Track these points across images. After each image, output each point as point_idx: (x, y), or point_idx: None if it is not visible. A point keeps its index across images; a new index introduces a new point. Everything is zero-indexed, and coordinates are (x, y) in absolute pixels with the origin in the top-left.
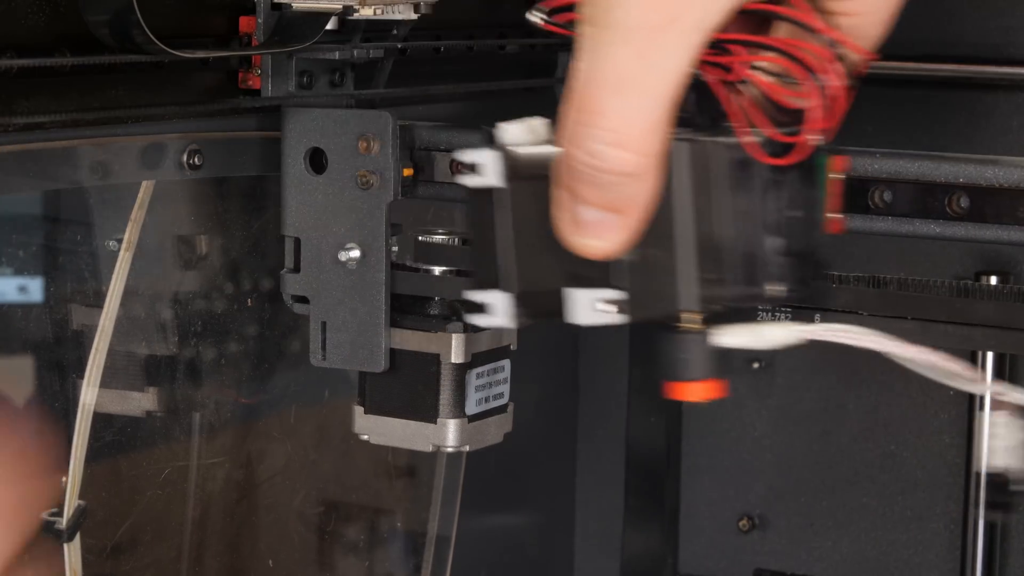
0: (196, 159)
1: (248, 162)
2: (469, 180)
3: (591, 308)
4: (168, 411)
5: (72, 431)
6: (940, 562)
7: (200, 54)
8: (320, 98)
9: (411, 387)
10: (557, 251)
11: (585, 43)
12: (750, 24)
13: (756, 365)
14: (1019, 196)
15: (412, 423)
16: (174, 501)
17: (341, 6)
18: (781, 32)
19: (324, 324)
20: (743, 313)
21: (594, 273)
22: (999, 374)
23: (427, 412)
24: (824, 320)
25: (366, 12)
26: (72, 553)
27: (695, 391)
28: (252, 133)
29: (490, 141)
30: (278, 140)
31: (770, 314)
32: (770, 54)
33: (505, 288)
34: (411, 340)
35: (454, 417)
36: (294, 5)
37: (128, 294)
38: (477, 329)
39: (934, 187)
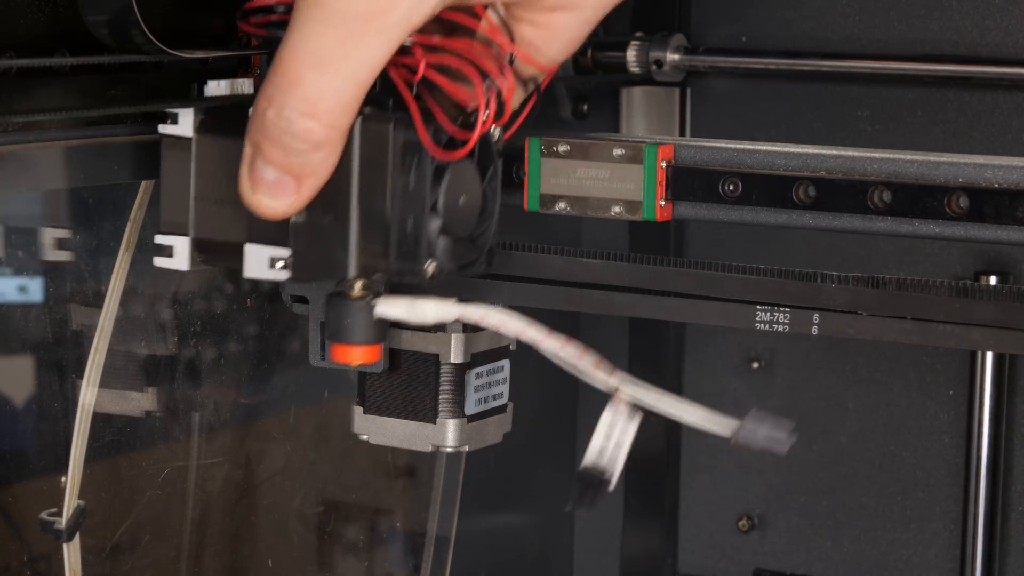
0: None
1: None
2: (164, 128)
3: (264, 264)
4: (167, 411)
5: (71, 431)
6: (940, 562)
7: (200, 54)
8: None
9: (410, 387)
10: (240, 205)
11: (297, 15)
12: (443, 28)
13: (756, 365)
14: (1018, 196)
15: (411, 423)
16: (174, 501)
17: None
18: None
19: (323, 324)
20: (411, 286)
21: (271, 231)
22: (998, 374)
23: (426, 412)
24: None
25: None
26: (72, 553)
27: (354, 354)
28: None
29: (200, 93)
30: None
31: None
32: (449, 56)
33: (185, 233)
34: (410, 340)
35: (453, 417)
36: None
37: (128, 294)
38: (477, 329)
39: (934, 187)
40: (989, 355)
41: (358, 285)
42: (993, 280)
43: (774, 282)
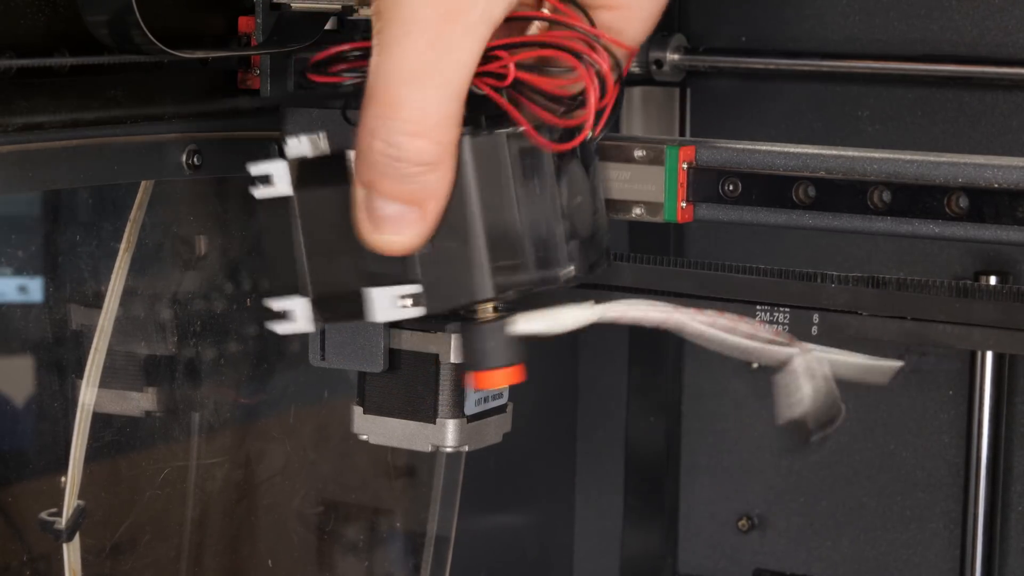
0: (196, 159)
1: (247, 162)
2: (260, 192)
3: (390, 305)
4: (167, 411)
5: (71, 431)
6: (940, 562)
7: (199, 54)
8: (319, 98)
9: (410, 387)
10: (353, 252)
11: (379, 38)
12: (512, 30)
13: (756, 365)
14: (1018, 196)
15: (411, 423)
16: (173, 501)
17: (340, 6)
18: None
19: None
20: (536, 299)
21: (390, 270)
22: (998, 374)
23: (426, 412)
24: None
25: (365, 12)
26: (72, 553)
27: (497, 378)
28: (251, 133)
29: (280, 153)
30: (277, 140)
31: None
32: (536, 50)
33: (302, 294)
34: (410, 340)
35: (453, 417)
36: (293, 5)
37: (128, 294)
38: None
39: (933, 187)
40: (989, 355)
41: (487, 307)
42: (993, 280)
43: (774, 282)
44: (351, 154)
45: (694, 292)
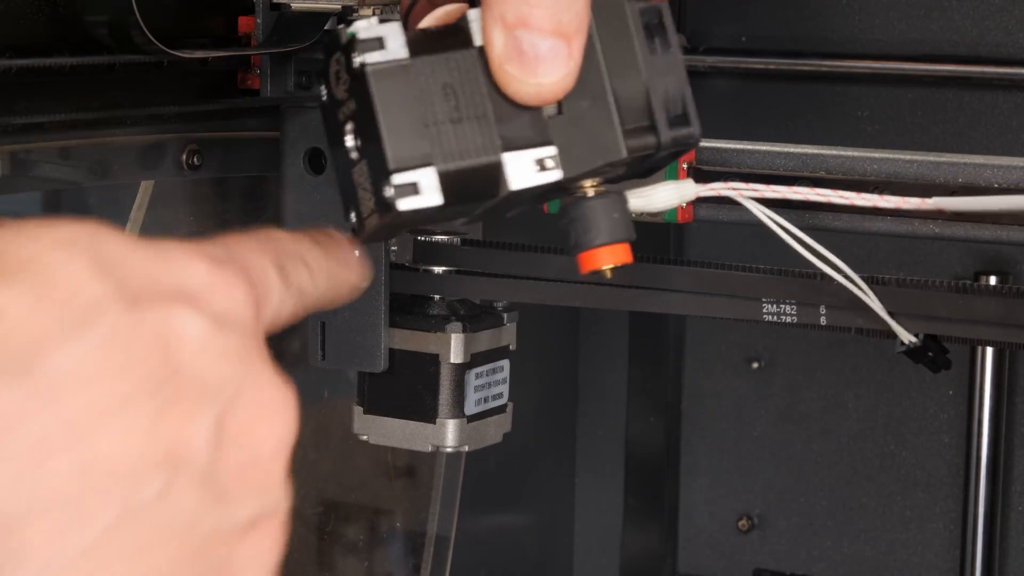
0: (195, 159)
1: (247, 162)
2: (371, 57)
3: (531, 169)
4: None
5: None
6: (940, 562)
7: (199, 54)
8: (319, 98)
9: (410, 387)
10: (475, 121)
11: None
12: None
13: (756, 365)
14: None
15: (411, 423)
16: None
17: (340, 6)
18: None
19: (323, 324)
20: (635, 174)
21: (521, 134)
22: (998, 373)
23: (426, 412)
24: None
25: (365, 12)
26: None
27: (605, 256)
28: (251, 133)
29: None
30: (277, 140)
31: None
32: None
33: (427, 163)
34: (410, 340)
35: (453, 417)
36: (293, 5)
37: None
38: (477, 329)
39: (934, 187)
40: (989, 355)
41: (590, 183)
42: (993, 280)
43: (777, 279)
44: (472, 14)
45: (697, 291)
